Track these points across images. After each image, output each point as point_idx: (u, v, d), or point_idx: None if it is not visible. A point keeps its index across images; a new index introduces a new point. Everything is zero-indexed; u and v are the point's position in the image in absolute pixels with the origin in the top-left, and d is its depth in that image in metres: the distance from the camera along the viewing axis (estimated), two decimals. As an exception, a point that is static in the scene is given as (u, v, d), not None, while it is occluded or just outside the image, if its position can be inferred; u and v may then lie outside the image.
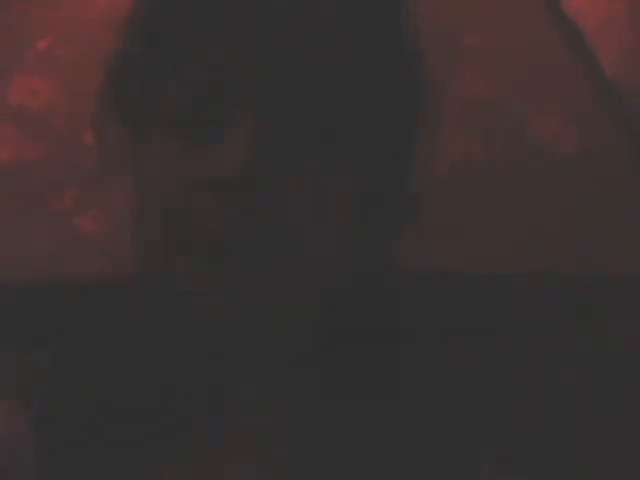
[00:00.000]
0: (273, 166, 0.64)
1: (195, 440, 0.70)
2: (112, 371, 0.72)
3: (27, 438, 0.70)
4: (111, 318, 0.75)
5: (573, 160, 1.23)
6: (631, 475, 0.69)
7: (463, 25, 1.29)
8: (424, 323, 0.74)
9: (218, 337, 0.68)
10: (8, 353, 0.83)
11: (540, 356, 0.74)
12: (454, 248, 1.06)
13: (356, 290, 0.70)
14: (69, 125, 1.22)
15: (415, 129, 0.71)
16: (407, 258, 0.73)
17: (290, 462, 0.69)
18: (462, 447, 0.68)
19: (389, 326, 0.72)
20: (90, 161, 0.73)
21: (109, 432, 0.69)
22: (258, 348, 0.69)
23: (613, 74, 1.28)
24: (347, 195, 0.66)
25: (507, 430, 0.69)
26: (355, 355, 0.70)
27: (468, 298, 0.81)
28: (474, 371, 0.71)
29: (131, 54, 0.70)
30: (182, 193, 0.64)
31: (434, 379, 0.71)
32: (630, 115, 1.23)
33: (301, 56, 0.65)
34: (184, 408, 0.70)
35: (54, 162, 1.21)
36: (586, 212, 1.17)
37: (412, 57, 0.71)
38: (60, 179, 1.19)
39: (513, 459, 0.68)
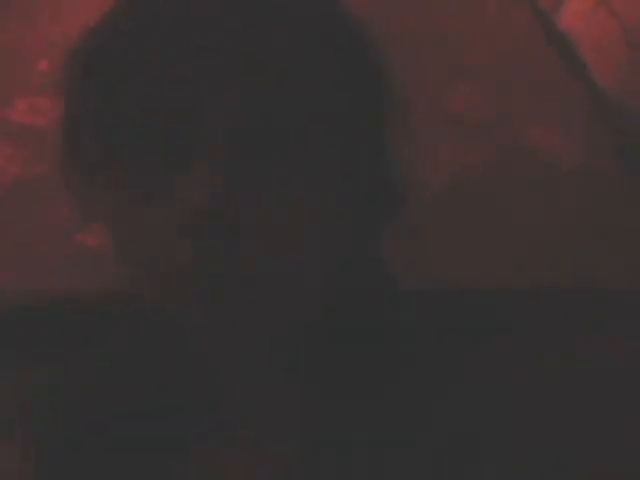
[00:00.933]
0: (247, 188, 0.63)
1: (195, 441, 0.70)
2: (110, 383, 0.73)
3: (12, 472, 0.70)
4: (109, 330, 0.75)
5: (572, 174, 1.23)
6: (632, 476, 0.69)
7: (463, 43, 1.30)
8: (424, 331, 0.74)
9: (213, 343, 0.68)
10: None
11: (539, 360, 0.75)
12: (454, 262, 1.06)
13: (353, 302, 0.70)
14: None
15: (403, 140, 0.71)
16: (407, 272, 0.74)
17: (289, 463, 0.69)
18: (462, 448, 0.68)
19: (388, 333, 0.72)
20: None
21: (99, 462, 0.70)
22: (256, 351, 0.69)
23: (609, 89, 1.29)
24: (329, 211, 0.66)
25: (507, 431, 0.69)
26: (355, 357, 0.70)
27: (468, 311, 0.81)
28: (474, 373, 0.71)
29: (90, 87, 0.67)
30: (152, 232, 0.64)
31: (434, 381, 0.71)
32: (627, 129, 1.24)
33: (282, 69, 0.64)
34: (182, 411, 0.70)
35: (56, 179, 1.21)
36: (585, 225, 1.17)
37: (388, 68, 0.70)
38: (62, 196, 1.19)
39: (514, 460, 0.68)
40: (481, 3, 1.35)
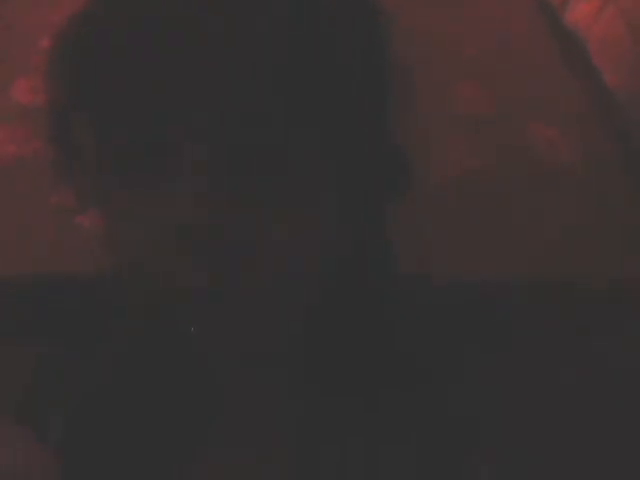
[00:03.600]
0: (234, 203, 0.61)
1: (194, 441, 0.70)
2: (113, 375, 0.72)
3: (47, 466, 0.69)
4: (109, 314, 0.74)
5: (572, 172, 1.23)
6: (632, 476, 0.69)
7: (464, 36, 1.30)
8: (423, 330, 0.74)
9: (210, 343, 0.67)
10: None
11: (539, 359, 0.74)
12: (453, 261, 1.06)
13: (352, 302, 0.70)
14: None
15: (403, 138, 0.70)
16: (406, 271, 0.74)
17: (288, 462, 0.69)
18: (461, 448, 0.68)
19: (387, 332, 0.72)
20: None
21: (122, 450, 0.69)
22: (254, 351, 0.68)
23: (612, 86, 1.29)
24: (321, 219, 0.64)
25: (506, 431, 0.69)
26: (353, 355, 0.70)
27: (468, 310, 0.81)
28: (473, 372, 0.71)
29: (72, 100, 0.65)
30: (145, 242, 0.62)
31: (433, 380, 0.71)
32: (629, 127, 1.24)
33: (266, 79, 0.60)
34: (181, 411, 0.70)
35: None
36: (585, 223, 1.17)
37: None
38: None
39: (513, 461, 0.68)
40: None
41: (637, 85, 1.28)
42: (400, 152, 0.70)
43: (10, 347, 0.79)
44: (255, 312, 0.63)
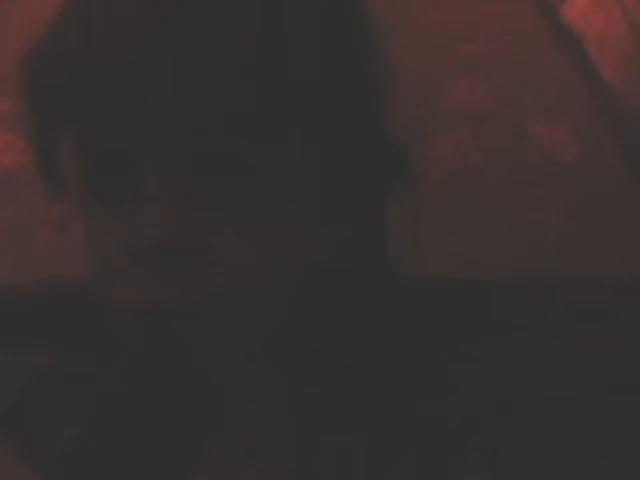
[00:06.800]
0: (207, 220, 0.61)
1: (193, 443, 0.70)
2: (108, 375, 0.72)
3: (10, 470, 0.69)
4: (107, 320, 0.74)
5: (572, 167, 1.23)
6: (632, 472, 0.69)
7: (464, 33, 1.30)
8: (422, 328, 0.74)
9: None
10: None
11: (540, 355, 0.74)
12: (453, 257, 1.06)
13: (351, 300, 0.70)
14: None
15: (401, 137, 0.70)
16: (405, 269, 0.74)
17: (288, 463, 0.69)
18: (461, 449, 0.68)
19: (386, 330, 0.72)
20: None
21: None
22: (251, 353, 0.68)
23: (612, 82, 1.29)
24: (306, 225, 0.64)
25: (505, 433, 0.69)
26: (352, 355, 0.70)
27: (466, 303, 0.81)
28: (473, 369, 0.71)
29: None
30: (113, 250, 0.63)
31: (433, 379, 0.71)
32: (628, 123, 1.24)
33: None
34: (179, 412, 0.70)
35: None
36: (585, 218, 1.17)
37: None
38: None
39: (513, 459, 0.68)
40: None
41: (637, 83, 1.28)
42: (399, 149, 0.70)
43: (8, 355, 0.79)
44: (253, 313, 0.63)
